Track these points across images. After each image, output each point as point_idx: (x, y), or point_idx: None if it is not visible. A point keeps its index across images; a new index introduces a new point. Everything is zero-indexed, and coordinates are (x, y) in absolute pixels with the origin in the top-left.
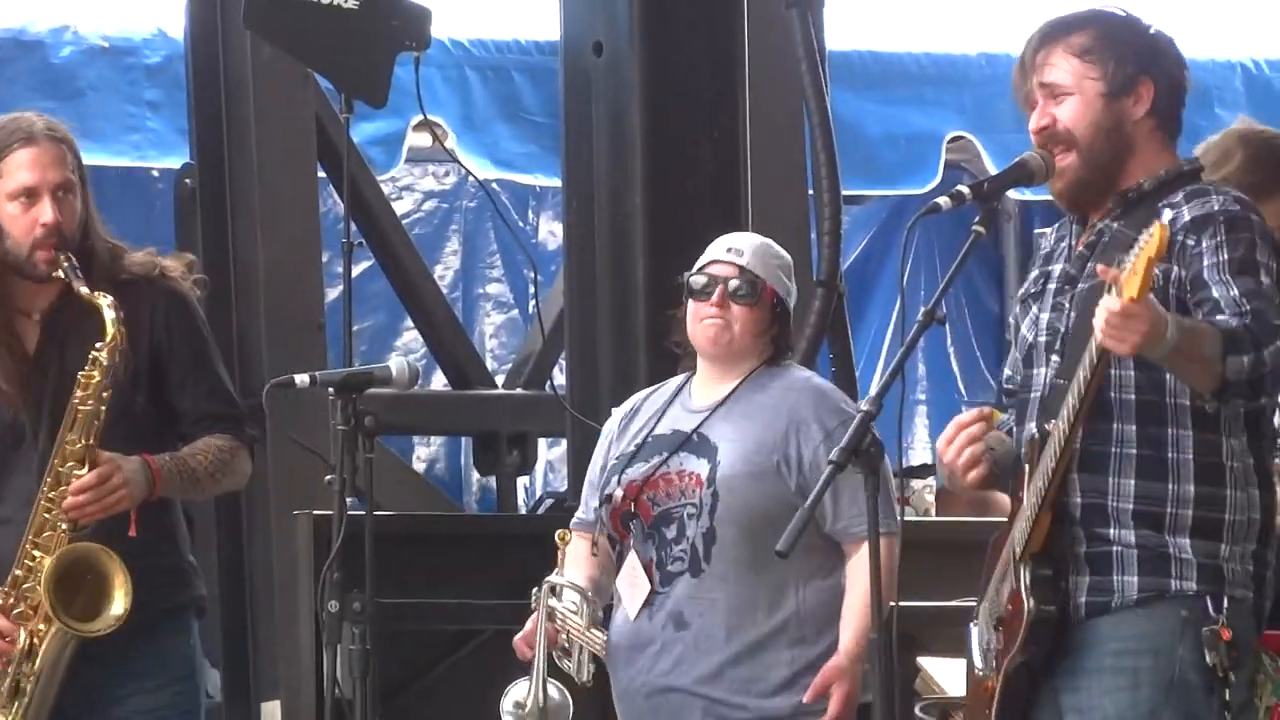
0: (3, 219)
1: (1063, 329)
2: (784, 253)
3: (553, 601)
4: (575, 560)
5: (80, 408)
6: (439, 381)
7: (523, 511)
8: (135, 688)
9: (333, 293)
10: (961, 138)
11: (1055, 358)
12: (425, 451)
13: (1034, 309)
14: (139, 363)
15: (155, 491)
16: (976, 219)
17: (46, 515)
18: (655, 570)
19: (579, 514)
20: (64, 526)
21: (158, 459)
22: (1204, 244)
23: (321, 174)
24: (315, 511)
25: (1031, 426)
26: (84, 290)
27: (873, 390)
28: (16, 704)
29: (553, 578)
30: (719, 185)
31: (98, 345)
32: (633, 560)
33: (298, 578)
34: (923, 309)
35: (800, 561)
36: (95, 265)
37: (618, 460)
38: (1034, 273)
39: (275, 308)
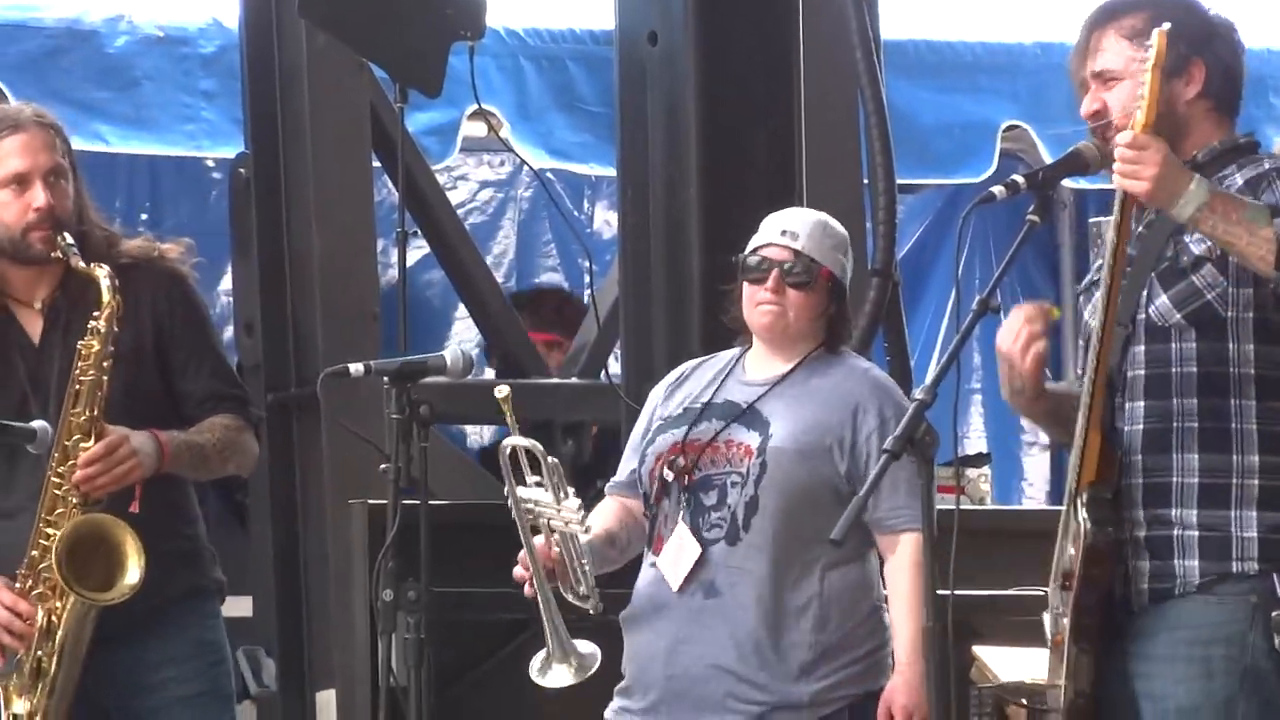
0: None
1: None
2: (840, 229)
3: (521, 492)
4: (601, 515)
5: (82, 379)
6: (493, 371)
7: None
8: (166, 675)
9: (387, 282)
10: (1016, 126)
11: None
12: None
13: (1096, 295)
14: (143, 345)
15: (164, 465)
16: (1031, 208)
17: (57, 492)
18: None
19: (615, 478)
20: (75, 501)
21: (166, 434)
22: (1262, 200)
23: (376, 163)
24: (370, 500)
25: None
26: (80, 264)
27: (928, 379)
28: (40, 684)
29: (514, 439)
30: (774, 174)
31: (95, 314)
32: (682, 530)
33: (353, 567)
34: (977, 298)
35: (829, 545)
36: (91, 250)
37: (662, 423)
38: (1096, 262)
39: (330, 297)
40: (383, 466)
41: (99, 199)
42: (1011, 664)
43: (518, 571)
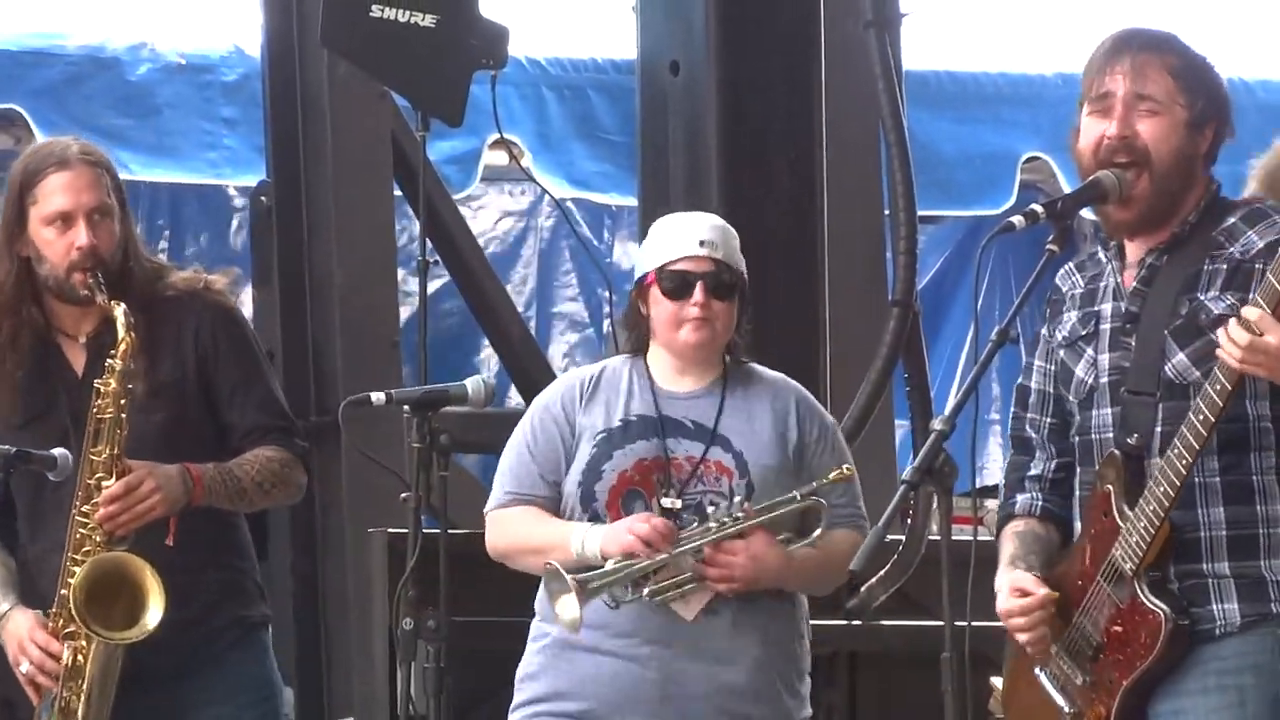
0: (40, 244)
1: (1129, 365)
2: (731, 228)
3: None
4: (537, 519)
5: (99, 417)
6: (514, 400)
7: None
8: (211, 713)
9: (407, 310)
10: (1037, 158)
11: (1125, 392)
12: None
13: (1088, 351)
14: (186, 376)
15: (195, 499)
16: (1050, 238)
17: (82, 530)
18: None
19: (514, 489)
20: (99, 540)
21: (199, 467)
22: None
23: (397, 192)
24: (390, 529)
25: (1113, 451)
26: (101, 300)
27: (946, 409)
28: None
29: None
30: (795, 205)
31: (111, 352)
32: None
33: (372, 595)
34: (996, 328)
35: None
36: (134, 285)
37: (605, 435)
38: (1074, 314)
39: (351, 325)
40: (403, 495)
41: None
42: None
43: (648, 532)
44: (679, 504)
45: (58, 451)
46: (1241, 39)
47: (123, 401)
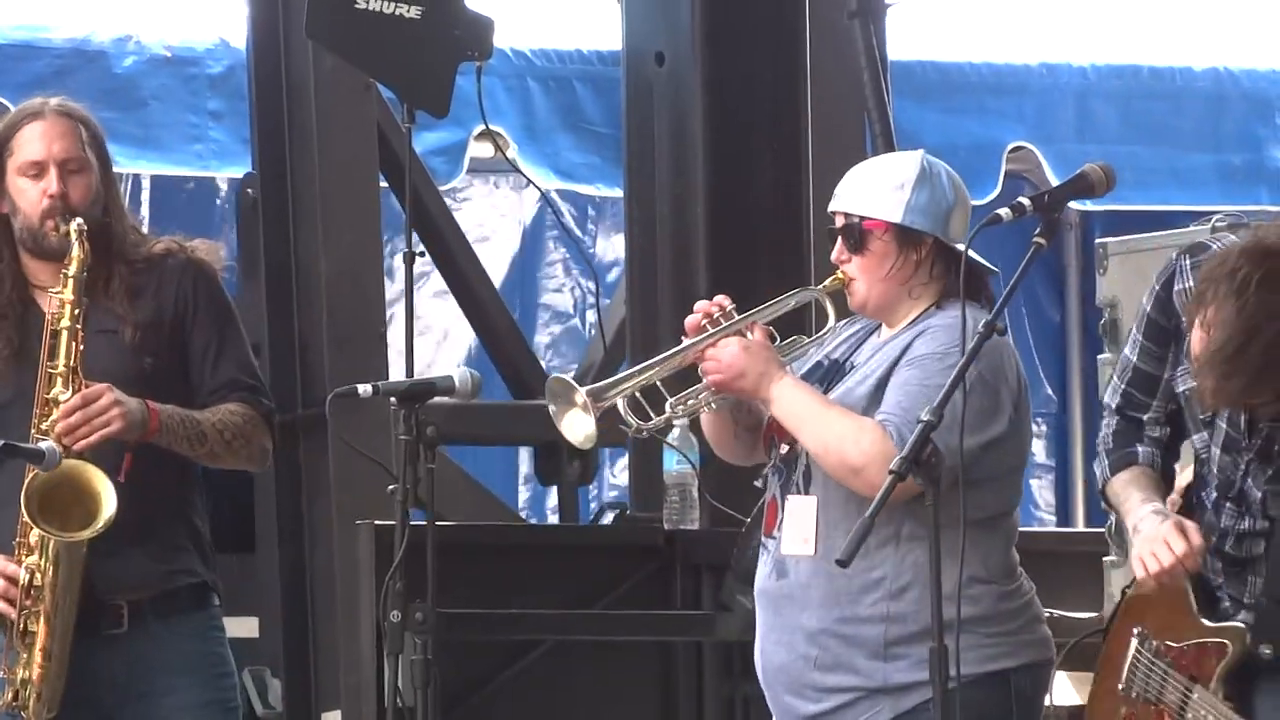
0: (15, 194)
1: None
2: (905, 163)
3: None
4: None
5: (55, 330)
6: (500, 392)
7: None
8: (169, 683)
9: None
10: (1022, 148)
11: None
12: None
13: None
14: (161, 324)
15: (151, 432)
16: (1037, 230)
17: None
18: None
19: None
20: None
21: (158, 404)
22: None
23: (383, 184)
24: (377, 521)
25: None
26: (63, 228)
27: (934, 401)
28: (31, 648)
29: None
30: (781, 195)
31: (65, 261)
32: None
33: (359, 588)
34: (983, 321)
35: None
36: (114, 242)
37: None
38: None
39: (337, 317)
40: (390, 488)
41: None
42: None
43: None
44: (784, 452)
45: (45, 445)
46: (1225, 28)
47: (77, 312)
